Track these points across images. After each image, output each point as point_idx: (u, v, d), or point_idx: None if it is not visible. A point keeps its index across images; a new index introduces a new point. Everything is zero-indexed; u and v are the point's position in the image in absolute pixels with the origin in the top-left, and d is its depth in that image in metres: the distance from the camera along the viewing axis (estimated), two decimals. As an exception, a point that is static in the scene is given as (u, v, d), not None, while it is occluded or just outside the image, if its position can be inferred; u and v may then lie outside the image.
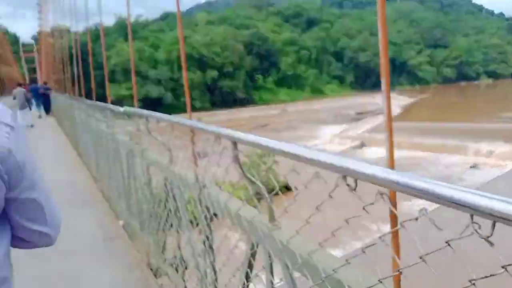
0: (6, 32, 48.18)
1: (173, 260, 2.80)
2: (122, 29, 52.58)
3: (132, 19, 59.05)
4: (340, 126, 34.27)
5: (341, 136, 28.53)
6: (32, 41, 53.08)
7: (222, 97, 50.97)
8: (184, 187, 2.29)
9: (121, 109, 3.45)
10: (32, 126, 14.95)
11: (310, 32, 69.43)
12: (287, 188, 14.51)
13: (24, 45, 52.89)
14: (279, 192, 1.47)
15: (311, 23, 72.85)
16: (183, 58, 2.69)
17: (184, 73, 2.66)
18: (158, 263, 3.10)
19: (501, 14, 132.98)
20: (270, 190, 1.50)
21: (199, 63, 49.97)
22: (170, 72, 48.26)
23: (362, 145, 24.98)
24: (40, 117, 17.90)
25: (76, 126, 9.09)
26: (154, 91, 45.48)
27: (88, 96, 11.80)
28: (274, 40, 60.64)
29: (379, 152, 22.96)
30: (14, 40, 53.28)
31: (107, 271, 3.36)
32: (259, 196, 1.58)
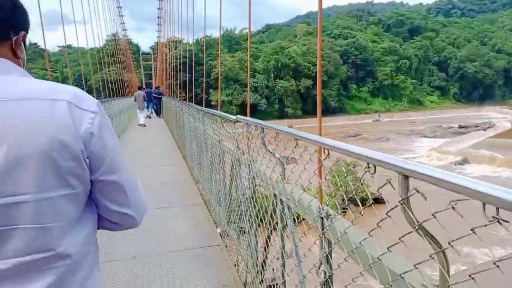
0: (129, 43, 55.85)
1: (270, 281, 2.57)
2: (226, 40, 57.11)
3: (237, 32, 63.51)
4: (439, 139, 32.39)
5: (440, 150, 26.85)
6: (150, 51, 60.71)
7: (314, 105, 51.71)
8: (299, 208, 1.90)
9: (233, 117, 3.21)
10: (144, 125, 15.88)
11: (412, 41, 66.38)
12: (376, 200, 14.53)
13: (143, 54, 60.76)
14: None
15: (414, 32, 69.59)
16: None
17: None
18: (253, 282, 2.79)
19: None
20: (361, 200, 1.42)
21: (294, 72, 51.65)
22: (266, 80, 50.86)
23: (464, 161, 23.23)
24: (149, 117, 18.71)
25: (183, 128, 9.12)
26: (251, 97, 48.37)
27: (192, 100, 12.98)
28: (372, 49, 59.50)
29: (483, 170, 21.35)
30: (136, 49, 61.58)
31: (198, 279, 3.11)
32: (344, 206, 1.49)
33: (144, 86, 46.88)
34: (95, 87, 22.40)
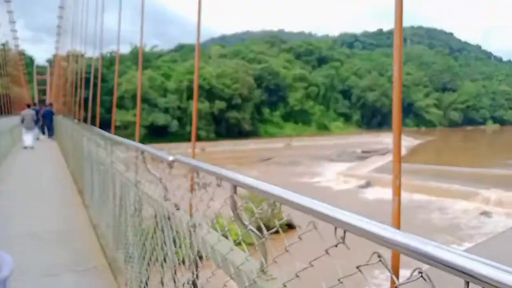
0: (22, 54, 49.68)
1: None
2: (135, 57, 54.06)
3: (147, 49, 60.79)
4: (345, 164, 33.97)
5: (346, 174, 28.10)
6: (47, 64, 54.64)
7: (228, 128, 51.28)
8: (176, 224, 2.21)
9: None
10: (32, 147, 14.72)
11: (320, 69, 70.78)
12: (289, 226, 13.97)
13: (38, 67, 54.40)
14: (280, 231, 1.35)
15: (322, 61, 74.43)
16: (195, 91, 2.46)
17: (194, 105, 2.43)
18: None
19: (510, 61, 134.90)
20: (270, 227, 1.38)
21: (209, 93, 50.76)
22: (179, 101, 48.97)
23: (367, 184, 24.58)
24: (38, 139, 17.12)
25: (82, 157, 8.96)
26: (161, 118, 45.92)
27: (93, 120, 11.77)
28: (284, 75, 61.75)
29: (385, 192, 22.57)
30: (29, 62, 54.92)
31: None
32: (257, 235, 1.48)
33: (36, 102, 41.51)
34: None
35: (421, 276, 0.67)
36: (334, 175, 28.56)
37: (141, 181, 2.96)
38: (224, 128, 50.73)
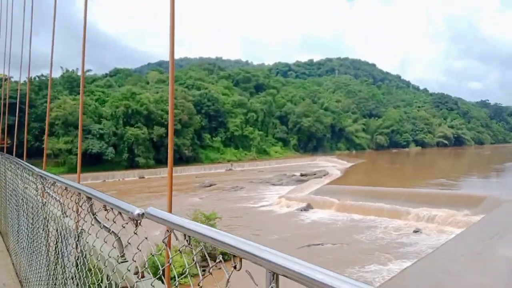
0: None
1: None
2: (67, 82, 51.30)
3: (79, 73, 58.13)
4: (286, 187, 34.83)
5: (287, 197, 28.75)
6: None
7: (167, 154, 49.98)
8: (70, 236, 2.40)
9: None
10: None
11: (258, 96, 72.90)
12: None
13: (-47, 91, 49.19)
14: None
15: (259, 88, 76.84)
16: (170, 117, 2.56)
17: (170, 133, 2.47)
18: None
19: (426, 90, 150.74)
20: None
21: (147, 119, 49.54)
22: (115, 127, 47.07)
23: (308, 207, 25.35)
24: None
25: (4, 195, 8.12)
26: (96, 146, 43.65)
27: (19, 149, 10.82)
28: (224, 101, 62.56)
29: (323, 214, 23.60)
30: None
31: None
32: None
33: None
34: None
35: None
36: (276, 199, 29.09)
37: (86, 231, 2.32)
38: (163, 154, 49.43)
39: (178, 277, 1.31)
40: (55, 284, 2.93)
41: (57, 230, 2.97)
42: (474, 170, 47.28)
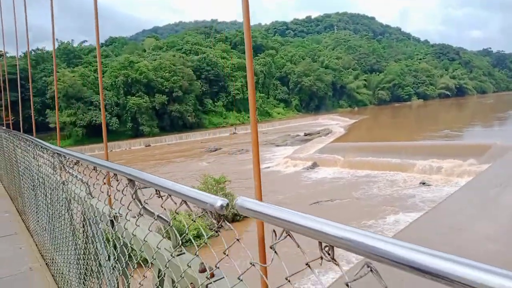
0: None
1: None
2: (63, 54, 50.52)
3: (75, 45, 57.09)
4: (291, 147, 35.15)
5: (293, 157, 29.07)
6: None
7: (171, 121, 50.29)
8: (100, 220, 2.19)
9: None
10: None
11: (257, 58, 71.72)
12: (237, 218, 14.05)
13: (-50, 70, 48.66)
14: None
15: (257, 50, 75.35)
16: None
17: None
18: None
19: (426, 41, 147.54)
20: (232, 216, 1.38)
21: (147, 88, 49.19)
22: (116, 97, 46.89)
23: (314, 165, 25.74)
24: None
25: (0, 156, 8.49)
26: (99, 117, 43.75)
27: (24, 124, 10.93)
28: (223, 65, 61.76)
29: (329, 171, 23.99)
30: None
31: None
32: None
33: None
34: None
35: (371, 271, 0.66)
36: (282, 160, 29.43)
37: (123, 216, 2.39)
38: (167, 122, 49.67)
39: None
40: (86, 269, 2.77)
41: (82, 212, 2.75)
42: (477, 119, 47.34)
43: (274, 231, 0.80)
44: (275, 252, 0.84)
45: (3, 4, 14.20)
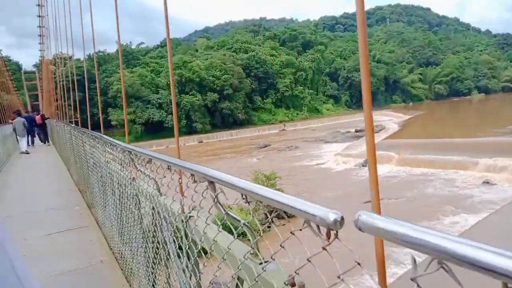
0: (8, 61, 48.90)
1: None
2: (122, 56, 53.79)
3: (133, 47, 60.41)
4: (341, 144, 34.63)
5: (344, 154, 28.60)
6: (34, 69, 53.87)
7: (222, 118, 51.70)
8: (170, 217, 2.19)
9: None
10: (27, 152, 15.12)
11: (305, 54, 71.23)
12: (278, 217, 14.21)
13: (26, 73, 53.62)
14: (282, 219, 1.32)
15: (306, 46, 74.80)
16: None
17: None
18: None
19: (488, 31, 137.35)
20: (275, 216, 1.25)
21: (200, 86, 50.94)
22: (171, 95, 49.04)
23: (366, 163, 25.08)
24: (27, 152, 15.76)
25: (70, 151, 8.97)
26: (156, 115, 46.13)
27: (87, 121, 12.07)
28: (272, 62, 62.15)
29: (382, 169, 23.29)
30: (17, 68, 54.13)
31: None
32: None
33: (29, 109, 40.91)
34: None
35: (442, 267, 0.58)
36: (333, 156, 29.04)
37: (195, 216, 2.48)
38: (218, 119, 51.13)
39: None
40: (154, 263, 2.76)
41: (151, 208, 2.72)
42: (548, 115, 43.49)
43: (413, 258, 0.64)
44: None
45: (66, 10, 15.69)
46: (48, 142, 19.26)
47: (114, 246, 4.43)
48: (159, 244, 2.51)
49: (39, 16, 37.27)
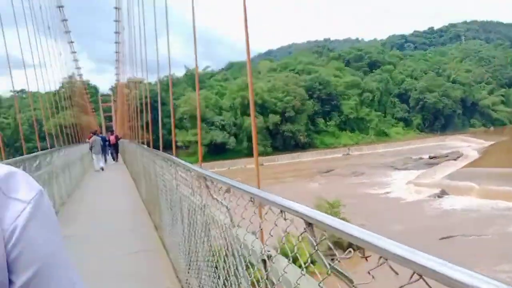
0: (87, 85, 53.50)
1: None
2: (190, 79, 56.05)
3: (199, 70, 63.00)
4: (412, 171, 32.13)
5: (416, 183, 26.47)
6: (110, 92, 58.42)
7: (283, 141, 51.13)
8: (247, 253, 2.08)
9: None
10: (102, 169, 16.28)
11: (372, 74, 68.65)
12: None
13: (102, 95, 58.35)
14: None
15: (373, 66, 72.19)
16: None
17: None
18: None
19: None
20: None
21: (262, 108, 51.12)
22: (234, 118, 49.73)
23: (443, 193, 22.96)
24: (102, 169, 16.86)
25: (141, 172, 9.42)
26: (219, 136, 46.88)
27: (157, 142, 12.37)
28: (336, 83, 60.67)
29: (465, 202, 20.88)
30: (94, 91, 59.10)
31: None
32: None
33: (102, 129, 43.73)
34: (51, 132, 20.57)
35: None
36: (404, 185, 27.11)
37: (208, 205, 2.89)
38: (280, 141, 50.62)
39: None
40: (189, 249, 3.34)
41: (224, 239, 2.70)
42: None
43: None
44: None
45: (140, 36, 16.37)
46: (117, 160, 20.51)
47: (180, 274, 4.44)
48: (229, 276, 2.41)
49: (116, 43, 40.25)
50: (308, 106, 54.28)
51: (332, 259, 1.15)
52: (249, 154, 47.70)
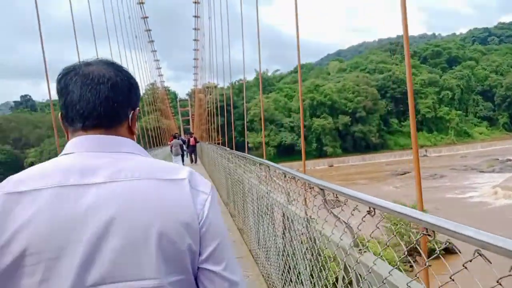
0: (167, 91, 57.53)
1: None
2: (259, 83, 57.64)
3: (269, 74, 64.18)
4: (499, 174, 29.59)
5: (505, 187, 24.41)
6: (187, 97, 62.28)
7: (354, 142, 49.97)
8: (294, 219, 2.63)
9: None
10: None
11: (451, 71, 64.07)
12: (447, 250, 12.48)
13: (180, 100, 62.44)
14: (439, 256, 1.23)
15: (452, 62, 67.34)
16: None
17: None
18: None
19: None
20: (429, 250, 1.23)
21: (331, 109, 50.59)
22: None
23: (537, 198, 20.95)
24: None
25: (217, 169, 10.33)
26: (288, 138, 47.36)
27: (228, 144, 12.99)
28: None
29: None
30: (173, 97, 63.43)
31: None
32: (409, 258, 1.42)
33: (181, 132, 46.63)
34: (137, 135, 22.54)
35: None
36: (490, 189, 25.14)
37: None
38: (350, 142, 49.61)
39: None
40: (258, 229, 3.91)
41: (283, 215, 3.35)
42: None
43: None
44: None
45: (212, 46, 17.62)
46: (196, 161, 21.60)
47: (251, 245, 4.82)
48: (288, 247, 2.93)
49: (195, 50, 42.95)
50: (381, 106, 52.45)
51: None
52: (318, 155, 47.53)
